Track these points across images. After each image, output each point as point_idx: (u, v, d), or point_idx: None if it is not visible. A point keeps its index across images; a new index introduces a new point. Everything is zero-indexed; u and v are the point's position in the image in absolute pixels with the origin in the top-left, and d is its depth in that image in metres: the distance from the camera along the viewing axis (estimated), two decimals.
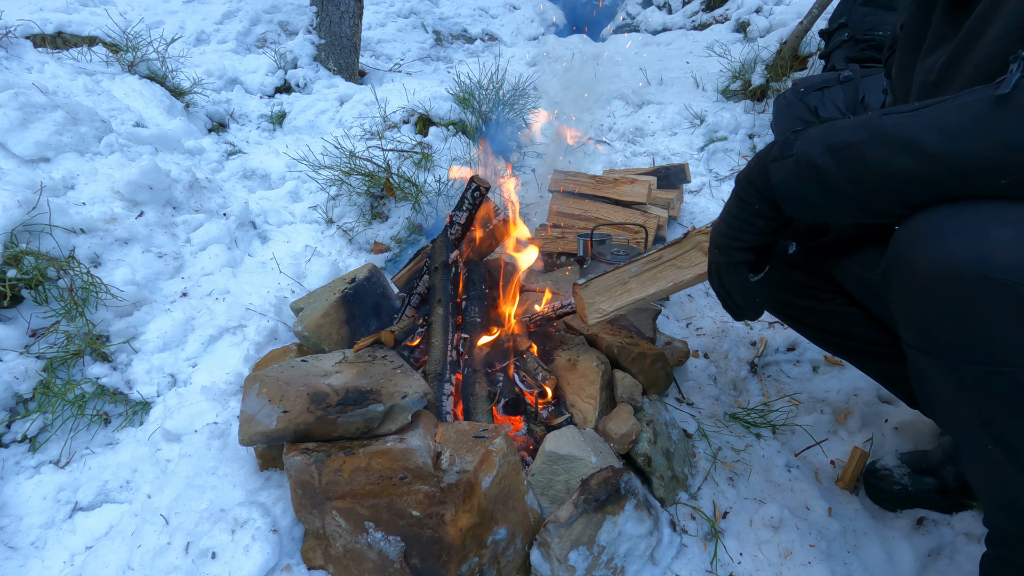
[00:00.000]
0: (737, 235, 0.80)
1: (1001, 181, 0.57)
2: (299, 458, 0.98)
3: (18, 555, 1.10)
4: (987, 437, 0.65)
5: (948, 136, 0.59)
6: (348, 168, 2.10)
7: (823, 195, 0.69)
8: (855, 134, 0.66)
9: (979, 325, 0.60)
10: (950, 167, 0.59)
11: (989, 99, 0.58)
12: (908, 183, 0.62)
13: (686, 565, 1.10)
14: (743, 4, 4.21)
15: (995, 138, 0.57)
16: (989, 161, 0.58)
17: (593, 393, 1.23)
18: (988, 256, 0.58)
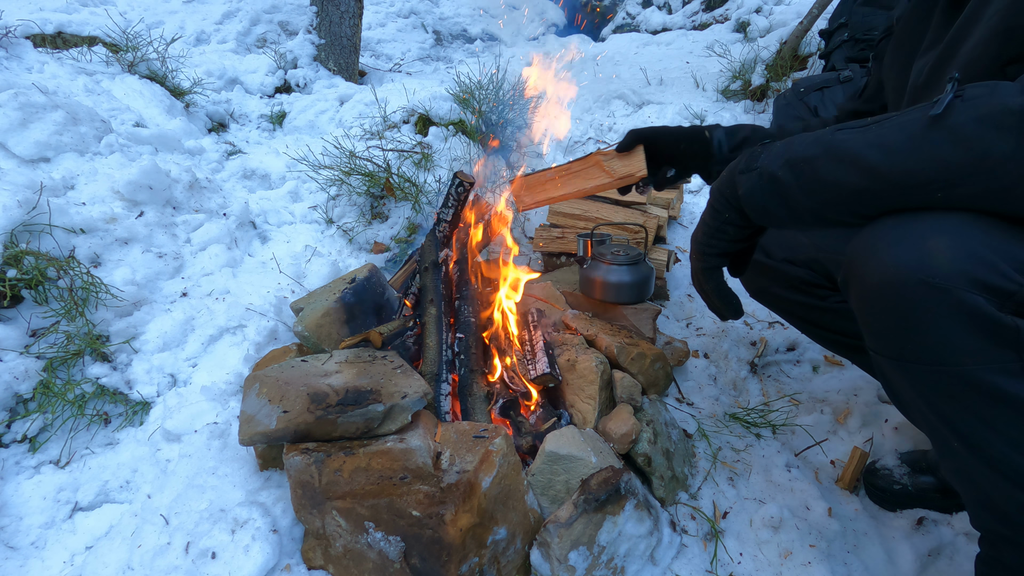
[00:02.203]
0: (711, 241, 0.86)
1: (937, 195, 0.62)
2: (299, 458, 0.98)
3: (18, 555, 1.10)
4: (951, 435, 0.69)
5: (888, 153, 0.64)
6: (348, 168, 2.10)
7: (783, 206, 0.74)
8: (810, 149, 0.70)
9: (924, 327, 0.64)
10: (891, 183, 0.64)
11: (924, 119, 0.62)
12: (857, 196, 0.67)
13: (686, 565, 1.10)
14: (743, 4, 4.21)
15: (928, 156, 0.61)
16: (924, 177, 0.62)
17: (592, 393, 1.23)
18: (927, 263, 0.62)
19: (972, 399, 0.65)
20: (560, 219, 1.95)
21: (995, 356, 0.61)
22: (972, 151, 0.59)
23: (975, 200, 0.61)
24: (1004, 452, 0.65)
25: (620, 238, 1.78)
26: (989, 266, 0.60)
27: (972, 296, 0.60)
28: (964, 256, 0.60)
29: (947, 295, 0.61)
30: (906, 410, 0.77)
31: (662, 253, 1.90)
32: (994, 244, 0.61)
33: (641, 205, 1.99)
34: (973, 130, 0.59)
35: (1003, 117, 0.57)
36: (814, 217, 0.72)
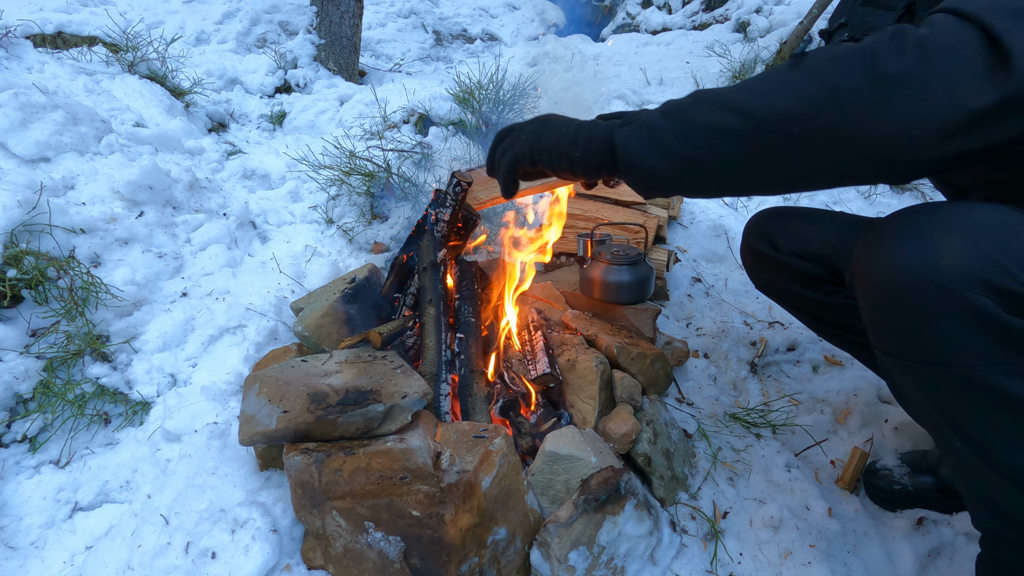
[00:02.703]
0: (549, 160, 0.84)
1: (795, 129, 0.62)
2: (299, 458, 0.98)
3: (18, 555, 1.10)
4: (955, 436, 0.69)
5: (754, 93, 0.66)
6: (348, 168, 2.10)
7: (657, 153, 0.73)
8: (684, 101, 0.73)
9: (930, 328, 0.64)
10: (756, 119, 0.65)
11: (788, 63, 0.66)
12: (725, 136, 0.67)
13: (686, 565, 1.10)
14: (743, 4, 4.21)
15: (789, 93, 0.63)
16: (784, 110, 0.63)
17: (592, 393, 1.23)
18: (935, 263, 0.62)
19: (977, 400, 0.65)
20: None
21: (1001, 358, 0.62)
22: (824, 84, 0.61)
23: (828, 131, 0.61)
24: (1007, 454, 0.65)
25: (620, 238, 1.78)
26: (998, 268, 0.59)
27: (980, 298, 0.60)
28: (973, 257, 0.60)
29: (955, 296, 0.61)
30: (910, 409, 0.78)
31: (662, 253, 1.90)
32: (1004, 245, 0.61)
33: (641, 205, 1.99)
34: (825, 66, 0.62)
35: (851, 54, 0.60)
36: (685, 164, 0.71)
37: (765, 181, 0.70)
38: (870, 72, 0.58)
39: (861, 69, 0.59)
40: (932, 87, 0.56)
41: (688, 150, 0.70)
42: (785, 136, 0.63)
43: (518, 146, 0.87)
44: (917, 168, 0.61)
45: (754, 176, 0.69)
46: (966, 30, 0.56)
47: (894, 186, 1.00)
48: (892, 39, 0.59)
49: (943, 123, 0.56)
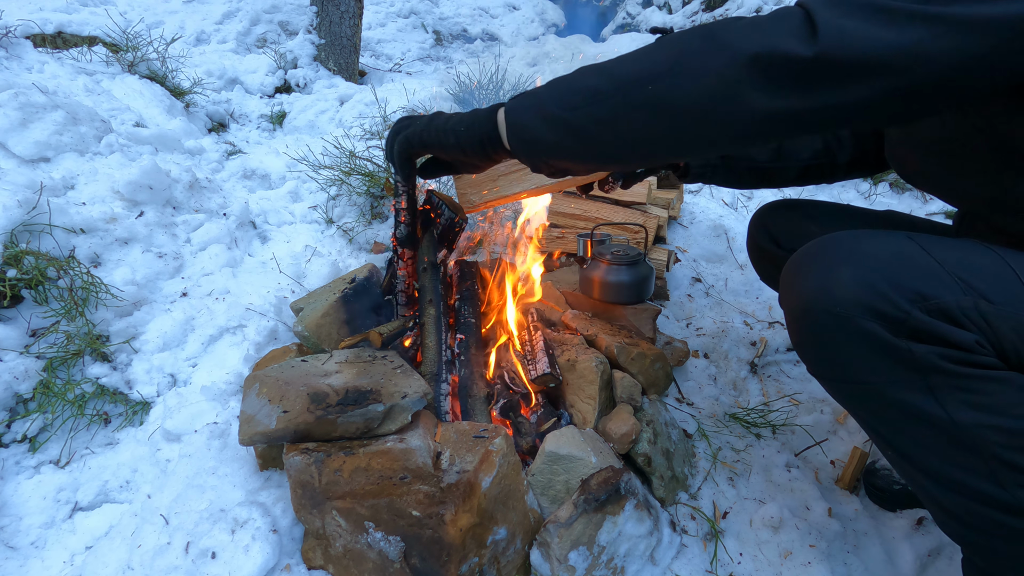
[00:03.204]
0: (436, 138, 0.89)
1: (647, 88, 0.68)
2: (299, 458, 0.98)
3: (18, 555, 1.10)
4: (884, 446, 0.75)
5: (619, 61, 0.73)
6: (348, 168, 2.10)
7: (537, 118, 0.77)
8: (567, 73, 0.78)
9: (836, 351, 0.71)
10: (616, 79, 0.71)
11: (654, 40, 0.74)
12: (593, 96, 0.72)
13: (686, 565, 1.10)
14: (743, 4, 4.21)
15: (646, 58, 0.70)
16: (640, 72, 0.69)
17: (592, 393, 1.23)
18: (831, 292, 0.69)
19: (891, 414, 0.70)
20: (560, 219, 1.95)
21: (899, 375, 0.67)
22: (672, 50, 0.68)
23: (675, 90, 0.67)
24: (931, 462, 0.69)
25: (620, 238, 1.78)
26: (882, 296, 0.66)
27: (868, 323, 0.67)
28: (861, 287, 0.67)
29: (847, 322, 0.68)
30: None
31: (662, 253, 1.90)
32: (890, 275, 0.67)
33: (641, 205, 1.99)
34: (676, 37, 0.69)
35: (696, 28, 0.68)
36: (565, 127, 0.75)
37: (639, 143, 0.73)
38: (709, 39, 0.66)
39: (701, 38, 0.67)
40: (750, 44, 0.62)
41: (566, 112, 0.74)
42: (642, 95, 0.68)
43: (410, 129, 0.92)
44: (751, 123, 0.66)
45: (627, 137, 0.73)
46: (793, 13, 0.63)
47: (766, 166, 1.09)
48: (732, 19, 0.67)
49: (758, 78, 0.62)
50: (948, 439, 0.66)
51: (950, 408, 0.65)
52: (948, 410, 0.65)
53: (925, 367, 0.65)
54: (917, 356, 0.65)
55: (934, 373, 0.65)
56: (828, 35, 0.59)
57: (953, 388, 0.65)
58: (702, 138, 0.70)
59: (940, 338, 0.65)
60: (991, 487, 0.65)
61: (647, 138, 0.72)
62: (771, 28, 0.63)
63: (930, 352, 0.65)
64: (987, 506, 0.66)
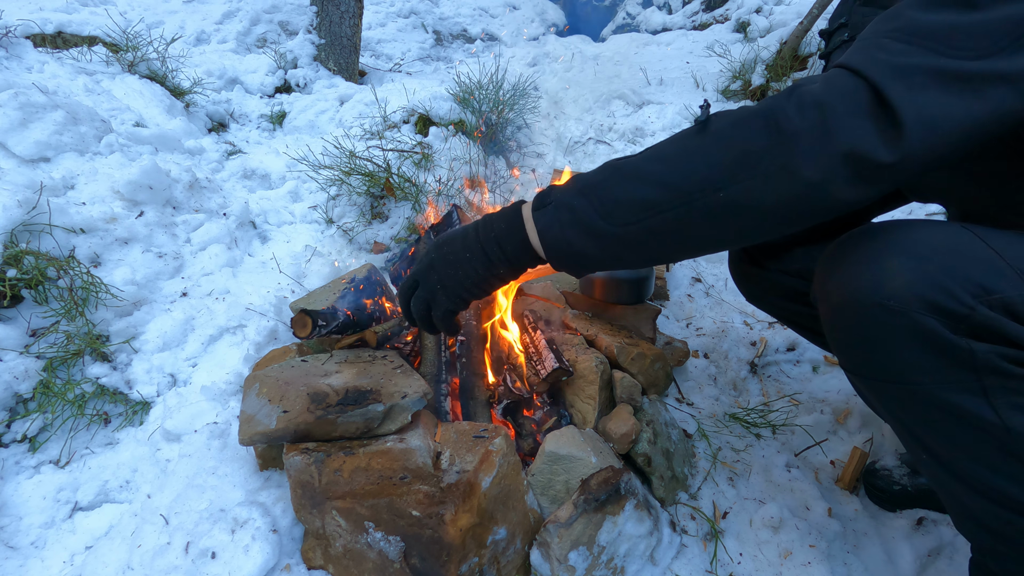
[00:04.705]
0: (480, 291, 0.85)
1: (719, 195, 0.64)
2: (299, 458, 0.98)
3: (18, 555, 1.10)
4: (920, 450, 0.71)
5: (666, 163, 0.68)
6: (348, 168, 2.10)
7: (584, 233, 0.73)
8: (598, 176, 0.73)
9: (883, 347, 0.66)
10: (675, 188, 0.66)
11: (692, 130, 0.69)
12: (648, 208, 0.68)
13: (686, 565, 1.10)
14: (743, 4, 4.21)
15: (701, 160, 0.65)
16: (701, 178, 0.65)
17: (592, 393, 1.23)
18: (883, 285, 0.64)
19: (935, 416, 0.66)
20: None
21: (953, 376, 0.63)
22: (734, 149, 0.63)
23: (748, 194, 0.63)
24: (970, 467, 0.66)
25: None
26: (942, 289, 0.61)
27: (926, 318, 0.62)
28: (918, 279, 0.62)
29: (902, 317, 0.63)
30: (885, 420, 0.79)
31: None
32: (949, 266, 0.62)
33: None
34: (731, 131, 0.65)
35: (753, 118, 0.64)
36: (614, 241, 0.72)
37: (701, 246, 0.71)
38: (775, 133, 0.61)
39: (766, 131, 0.62)
40: (834, 143, 0.58)
41: (615, 228, 0.70)
42: (708, 203, 0.65)
43: (440, 297, 0.86)
44: (837, 211, 0.63)
45: (689, 243, 0.70)
46: (858, 88, 0.58)
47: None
48: (789, 98, 0.62)
49: (847, 177, 0.59)
50: (993, 444, 0.63)
51: (1002, 412, 0.62)
52: (1000, 414, 0.62)
53: (983, 368, 0.61)
54: (977, 355, 0.61)
55: (991, 374, 0.61)
56: (913, 130, 0.56)
57: (1008, 391, 0.61)
58: (779, 231, 0.67)
59: (1004, 336, 0.60)
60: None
61: (716, 240, 0.69)
62: (843, 117, 0.58)
63: (990, 351, 0.61)
64: (1018, 513, 0.64)
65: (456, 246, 0.84)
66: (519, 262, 0.81)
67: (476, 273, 0.83)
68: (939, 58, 0.57)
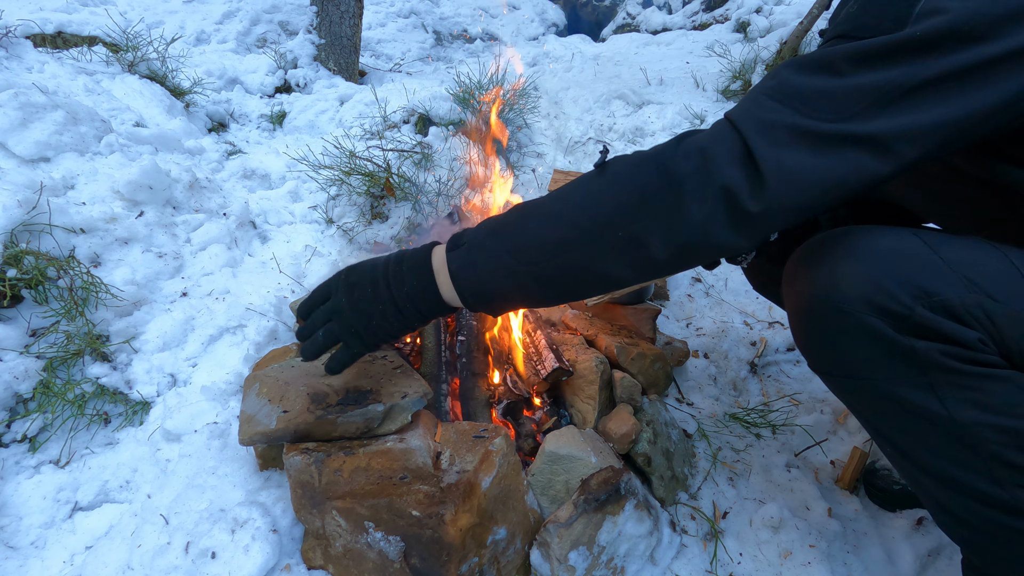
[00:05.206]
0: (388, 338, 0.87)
1: (618, 234, 0.69)
2: (299, 458, 0.98)
3: (18, 555, 1.09)
4: (883, 443, 0.75)
5: (567, 203, 0.73)
6: (348, 168, 2.10)
7: (495, 273, 0.76)
8: (509, 216, 0.78)
9: (838, 346, 0.71)
10: (578, 227, 0.71)
11: (592, 173, 0.74)
12: (555, 246, 0.72)
13: (686, 565, 1.10)
14: (743, 4, 4.21)
15: (600, 200, 0.71)
16: (604, 218, 0.70)
17: (592, 393, 1.23)
18: (835, 288, 0.69)
19: (891, 411, 0.70)
20: None
21: (900, 373, 0.67)
22: (631, 190, 0.69)
23: (647, 232, 0.68)
24: (931, 460, 0.69)
25: None
26: (884, 291, 0.66)
27: (871, 319, 0.67)
28: (863, 282, 0.67)
29: (852, 318, 0.68)
30: None
31: None
32: (891, 270, 0.67)
33: None
34: (628, 172, 0.70)
35: (646, 162, 0.70)
36: (527, 279, 0.75)
37: (612, 281, 0.75)
38: (664, 175, 0.67)
39: (657, 174, 0.67)
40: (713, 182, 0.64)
41: (525, 266, 0.74)
42: (611, 240, 0.69)
43: (353, 341, 0.89)
44: (720, 253, 0.69)
45: (599, 278, 0.74)
46: (732, 139, 0.64)
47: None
48: (678, 146, 0.68)
49: (724, 220, 0.64)
50: (948, 437, 0.66)
51: (951, 406, 0.65)
52: (949, 408, 0.65)
53: (927, 364, 0.65)
54: (919, 353, 0.65)
55: (936, 370, 0.65)
56: (774, 182, 0.61)
57: (954, 386, 0.65)
58: (675, 267, 0.72)
59: (943, 335, 0.64)
60: (990, 486, 0.65)
61: (621, 275, 0.73)
62: (719, 162, 0.64)
63: (932, 349, 0.65)
64: (986, 505, 0.66)
65: (367, 293, 0.85)
66: (431, 314, 0.84)
67: (390, 325, 0.86)
68: (802, 118, 0.62)
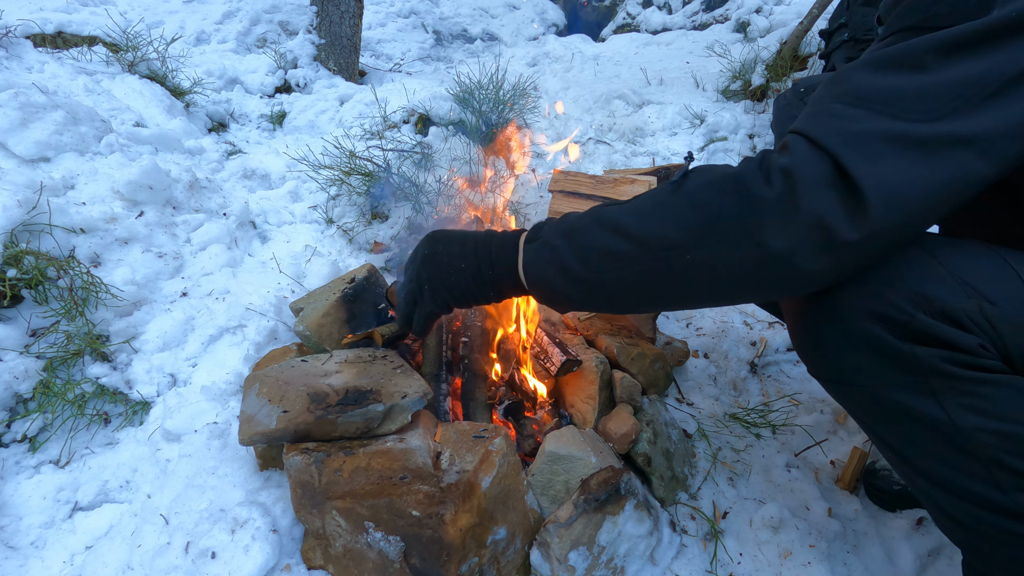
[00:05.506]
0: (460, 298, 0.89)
1: (686, 257, 0.66)
2: (299, 458, 0.98)
3: (18, 555, 1.10)
4: (885, 449, 0.74)
5: (641, 218, 0.69)
6: (348, 168, 2.10)
7: (559, 273, 0.76)
8: (582, 221, 0.76)
9: (837, 353, 0.70)
10: (647, 246, 0.68)
11: (668, 187, 0.70)
12: (621, 260, 0.70)
13: (686, 565, 1.10)
14: (743, 4, 4.21)
15: (672, 220, 0.67)
16: (673, 239, 0.66)
17: (592, 393, 1.23)
18: (835, 295, 0.68)
19: (891, 417, 0.70)
20: None
21: (901, 379, 0.66)
22: (704, 213, 0.65)
23: (715, 259, 0.64)
24: (932, 466, 0.69)
25: None
26: (883, 299, 0.65)
27: (871, 325, 0.66)
28: (861, 289, 0.66)
29: (850, 324, 0.67)
30: None
31: None
32: (891, 276, 0.66)
33: None
34: (703, 194, 0.66)
35: (725, 181, 0.65)
36: (586, 285, 0.74)
37: (668, 301, 0.73)
38: (745, 200, 0.62)
39: (736, 198, 0.63)
40: (802, 216, 0.59)
41: (588, 273, 0.73)
42: (675, 263, 0.67)
43: (426, 296, 0.90)
44: (804, 283, 0.65)
45: (656, 298, 0.72)
46: (818, 158, 0.59)
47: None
48: (760, 167, 0.63)
49: (813, 247, 0.60)
50: (948, 442, 0.66)
51: (951, 411, 0.65)
52: (949, 413, 0.65)
53: (927, 370, 0.65)
54: (920, 359, 0.64)
55: (936, 376, 0.65)
56: (877, 205, 0.56)
57: (954, 391, 0.64)
58: (743, 299, 0.69)
59: (943, 341, 0.64)
60: (990, 491, 0.65)
61: (679, 298, 0.71)
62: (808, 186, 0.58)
63: (932, 355, 0.64)
64: (986, 510, 0.66)
65: (453, 250, 0.87)
66: (505, 289, 0.85)
67: (466, 285, 0.86)
68: (894, 121, 0.57)
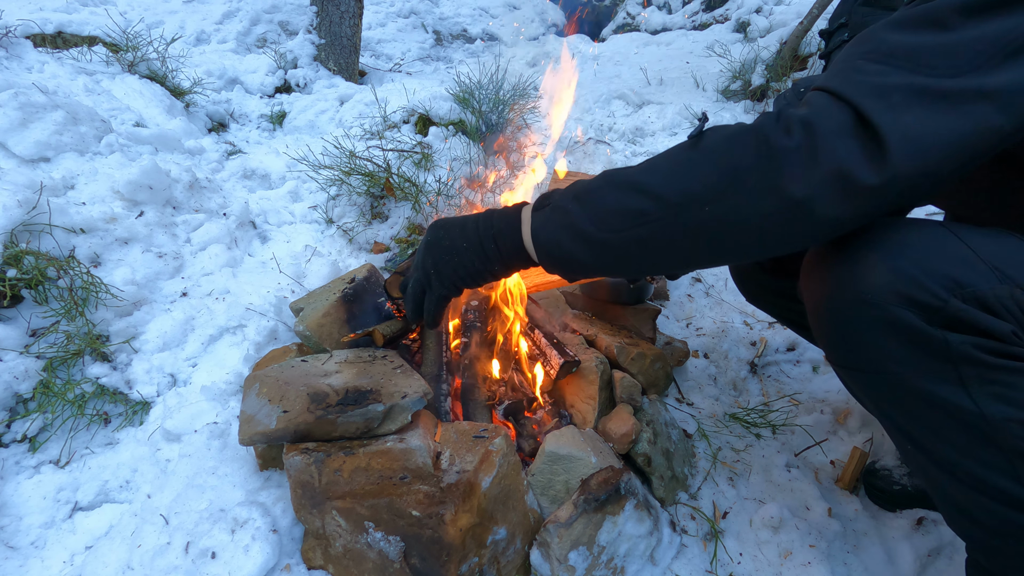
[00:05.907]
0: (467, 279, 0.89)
1: (706, 208, 0.65)
2: (299, 458, 0.98)
3: (18, 555, 1.10)
4: (903, 440, 0.72)
5: (658, 174, 0.69)
6: (348, 168, 2.10)
7: (573, 238, 0.75)
8: (594, 183, 0.75)
9: (862, 339, 0.68)
10: (666, 201, 0.67)
11: (686, 143, 0.70)
12: (637, 217, 0.69)
13: (686, 565, 1.10)
14: (743, 4, 4.21)
15: (692, 174, 0.66)
16: (693, 192, 0.66)
17: (592, 393, 1.23)
18: (861, 280, 0.66)
19: (915, 406, 0.68)
20: None
21: (930, 366, 0.65)
22: (723, 165, 0.64)
23: (736, 211, 0.64)
24: (953, 457, 0.67)
25: None
26: (916, 283, 0.64)
27: (902, 311, 0.64)
28: (893, 274, 0.65)
29: (880, 310, 0.65)
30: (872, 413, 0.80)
31: None
32: (923, 262, 0.64)
33: None
34: (722, 146, 0.65)
35: (743, 135, 0.64)
36: (602, 247, 0.73)
37: (686, 260, 0.72)
38: (765, 150, 0.62)
39: (755, 149, 0.62)
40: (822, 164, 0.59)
41: (605, 234, 0.72)
42: (694, 217, 0.66)
43: (433, 281, 0.91)
44: (823, 231, 0.64)
45: (674, 256, 0.72)
46: (840, 110, 0.59)
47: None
48: (778, 120, 0.62)
49: (833, 196, 0.59)
50: (972, 432, 0.65)
51: (980, 400, 0.63)
52: (978, 402, 0.63)
53: (958, 357, 0.63)
54: (952, 346, 0.63)
55: (967, 364, 0.63)
56: (898, 151, 0.56)
57: (984, 380, 0.63)
58: (762, 251, 0.68)
59: (977, 327, 0.62)
60: (1010, 483, 0.64)
61: (699, 255, 0.70)
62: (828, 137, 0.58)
63: (965, 341, 0.62)
64: (1002, 503, 0.65)
65: (455, 233, 0.88)
66: (511, 261, 0.84)
67: (471, 264, 0.86)
68: (917, 76, 0.58)
